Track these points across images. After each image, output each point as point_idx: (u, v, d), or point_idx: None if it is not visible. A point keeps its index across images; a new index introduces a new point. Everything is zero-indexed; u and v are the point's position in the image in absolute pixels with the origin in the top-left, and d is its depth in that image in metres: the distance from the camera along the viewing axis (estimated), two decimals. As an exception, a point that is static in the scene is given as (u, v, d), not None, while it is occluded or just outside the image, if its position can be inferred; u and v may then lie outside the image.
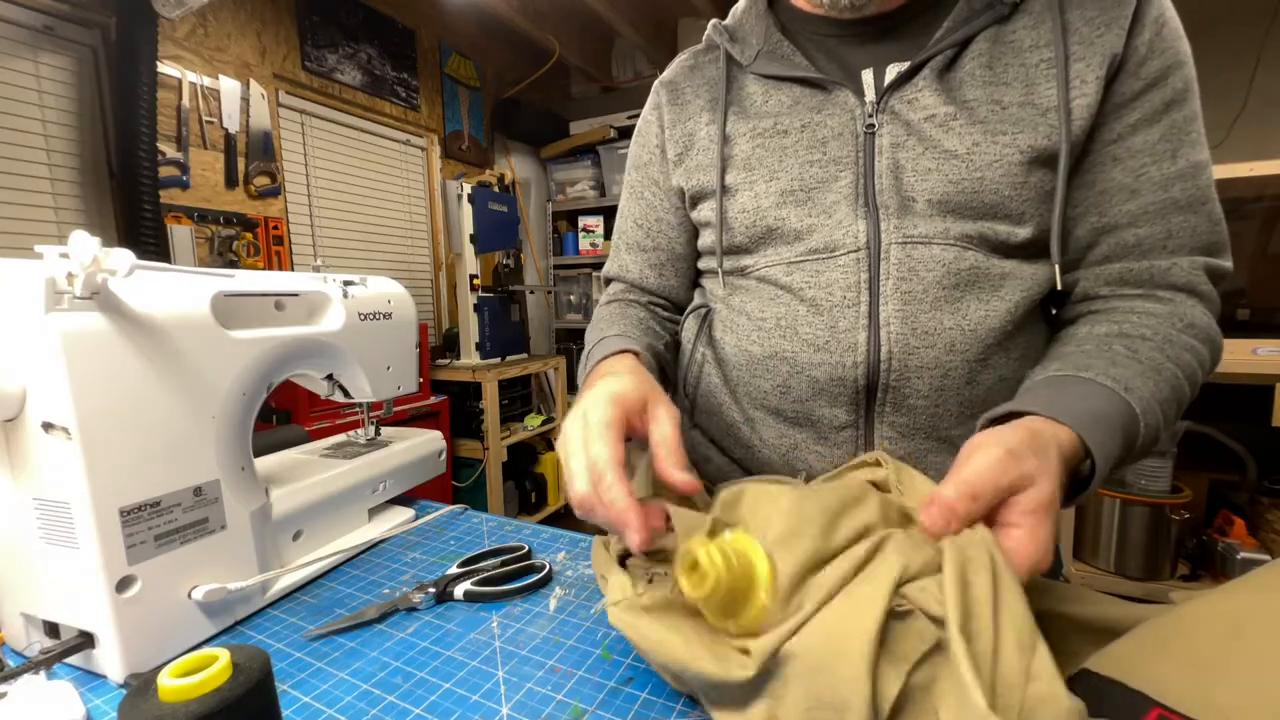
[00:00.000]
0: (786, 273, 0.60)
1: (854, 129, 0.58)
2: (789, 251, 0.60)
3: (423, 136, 2.82)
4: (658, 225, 0.74)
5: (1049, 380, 0.50)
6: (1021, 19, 0.54)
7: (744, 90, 0.65)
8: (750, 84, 0.65)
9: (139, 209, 1.67)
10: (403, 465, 0.84)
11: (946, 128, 0.54)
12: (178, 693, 0.32)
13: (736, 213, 0.63)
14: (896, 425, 0.57)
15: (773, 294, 0.61)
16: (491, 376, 2.45)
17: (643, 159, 0.74)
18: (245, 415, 0.61)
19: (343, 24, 2.39)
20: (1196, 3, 2.33)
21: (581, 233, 3.37)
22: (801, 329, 0.59)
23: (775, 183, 0.60)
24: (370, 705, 0.47)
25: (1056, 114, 0.51)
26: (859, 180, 0.57)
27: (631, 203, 0.76)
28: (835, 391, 0.58)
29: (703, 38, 0.72)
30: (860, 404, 0.58)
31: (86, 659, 0.50)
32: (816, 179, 0.59)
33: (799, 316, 0.59)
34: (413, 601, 0.60)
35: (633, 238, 0.76)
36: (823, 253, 0.58)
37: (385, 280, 0.84)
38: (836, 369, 0.57)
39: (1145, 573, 1.90)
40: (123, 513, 0.48)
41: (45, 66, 1.66)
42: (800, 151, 0.60)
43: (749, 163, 0.62)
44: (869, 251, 0.56)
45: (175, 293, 0.55)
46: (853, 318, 0.56)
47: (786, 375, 0.60)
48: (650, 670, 0.50)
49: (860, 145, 0.57)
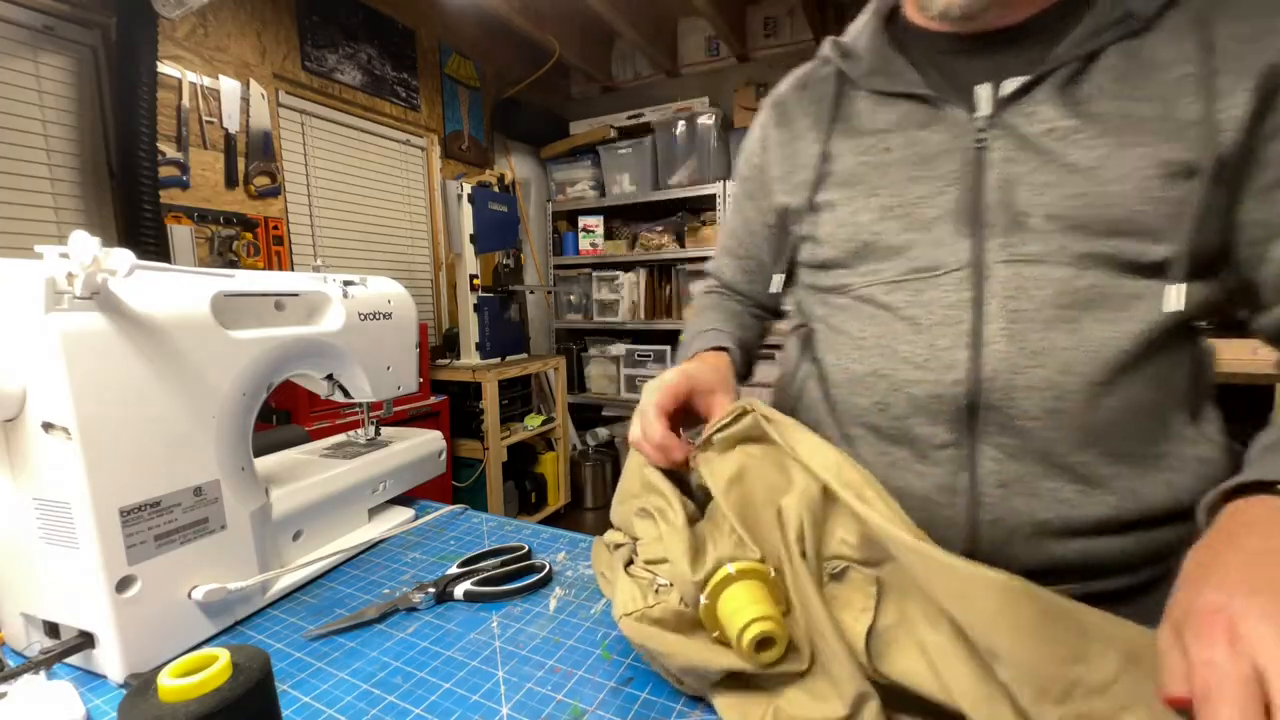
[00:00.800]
0: (886, 292, 0.60)
1: (962, 144, 0.57)
2: (889, 270, 0.60)
3: (423, 136, 2.82)
4: (751, 238, 0.78)
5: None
6: (1157, 35, 0.52)
7: (852, 106, 0.66)
8: (859, 100, 0.65)
9: (139, 209, 1.67)
10: (403, 465, 0.84)
11: (1069, 141, 0.52)
12: (178, 693, 0.32)
13: (835, 228, 0.64)
14: (1004, 446, 0.55)
15: (871, 313, 0.61)
16: (491, 376, 2.45)
17: (744, 174, 0.78)
18: (245, 415, 0.61)
19: (343, 24, 2.39)
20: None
21: (581, 233, 3.37)
22: (900, 347, 0.58)
23: (875, 199, 0.61)
24: (370, 705, 0.47)
25: (1199, 127, 0.48)
26: (964, 196, 0.56)
27: (733, 213, 0.81)
28: (934, 409, 0.57)
29: (817, 54, 0.72)
30: (962, 423, 0.56)
31: (86, 659, 0.50)
32: (917, 195, 0.58)
33: (898, 334, 0.59)
34: (413, 601, 0.60)
35: (729, 244, 0.83)
36: (924, 271, 0.57)
37: (385, 280, 0.84)
38: (935, 387, 0.56)
39: (1145, 573, 1.90)
40: (123, 513, 0.48)
41: (45, 66, 1.66)
42: (903, 168, 0.60)
43: (850, 179, 0.63)
44: (973, 270, 0.55)
45: (175, 293, 0.55)
46: (953, 336, 0.55)
47: (885, 392, 0.60)
48: (650, 670, 0.50)
49: (968, 161, 0.56)
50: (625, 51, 3.45)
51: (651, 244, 3.21)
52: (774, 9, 3.03)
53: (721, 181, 2.93)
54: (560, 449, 2.91)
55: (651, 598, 0.49)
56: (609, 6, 2.67)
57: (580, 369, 3.45)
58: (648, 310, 3.23)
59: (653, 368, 3.24)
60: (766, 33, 3.07)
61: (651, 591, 0.49)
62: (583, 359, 3.45)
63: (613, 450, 3.19)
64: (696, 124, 2.95)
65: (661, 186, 3.12)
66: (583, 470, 3.04)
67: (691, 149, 3.00)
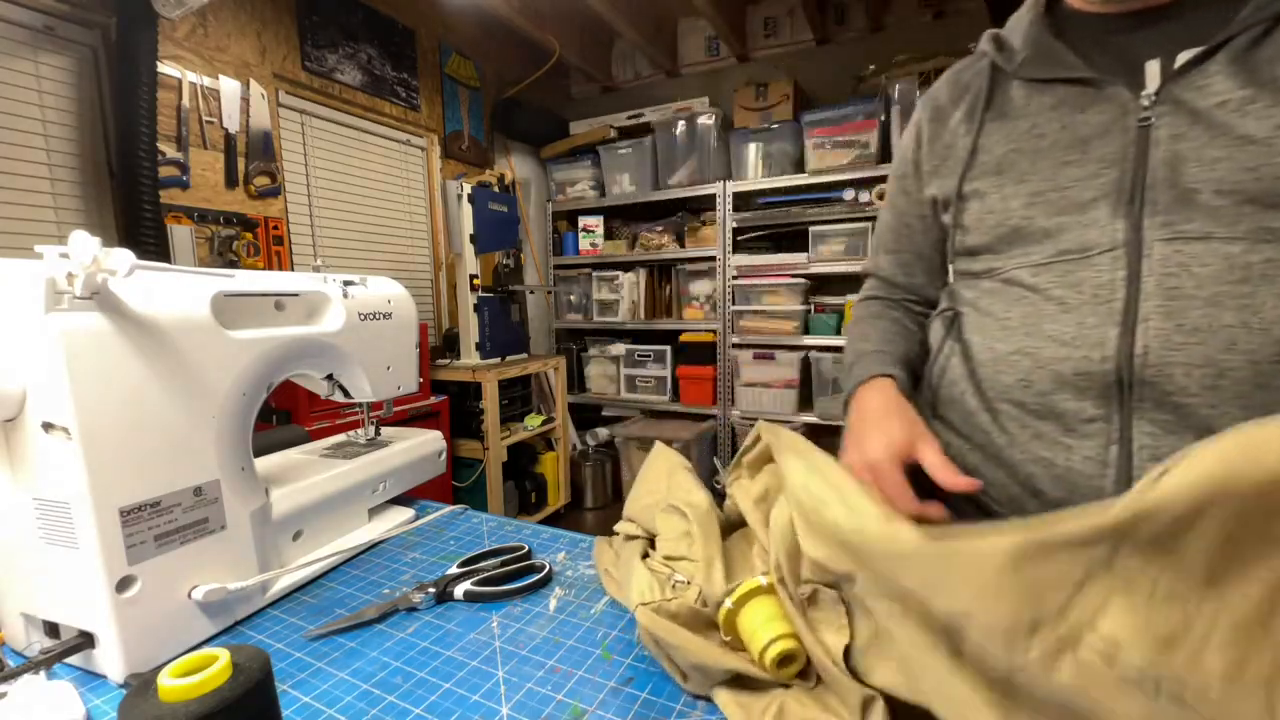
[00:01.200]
0: (1033, 274, 0.61)
1: (1124, 124, 0.57)
2: (1038, 253, 0.61)
3: (423, 136, 2.82)
4: (906, 230, 0.79)
5: None
6: None
7: (1005, 96, 0.67)
8: (1014, 89, 0.66)
9: (139, 209, 1.67)
10: (403, 465, 0.84)
11: (1243, 112, 0.51)
12: (178, 693, 0.32)
13: (983, 215, 0.65)
14: (1160, 422, 0.55)
15: (1018, 294, 0.63)
16: (491, 376, 2.45)
17: (899, 171, 0.79)
18: (245, 415, 0.61)
19: (343, 24, 2.39)
20: (1196, 3, 2.33)
21: (581, 233, 3.36)
22: (1046, 325, 0.60)
23: (1024, 185, 0.62)
24: (370, 705, 0.47)
25: None
26: (1124, 177, 0.57)
27: (887, 209, 0.83)
28: (1081, 385, 0.58)
29: (975, 47, 0.74)
30: (1111, 398, 0.57)
31: (86, 659, 0.50)
32: (1071, 179, 0.59)
33: (1044, 314, 0.60)
34: (413, 601, 0.60)
35: (884, 240, 0.84)
36: (1074, 253, 0.58)
37: (385, 280, 0.84)
38: (1082, 364, 0.57)
39: (1145, 573, 1.89)
40: (123, 513, 0.48)
41: (45, 66, 1.66)
42: (1055, 153, 0.61)
43: (999, 167, 0.64)
44: (1128, 249, 0.55)
45: (175, 293, 0.55)
46: (1103, 314, 0.56)
47: (1029, 370, 0.61)
48: (650, 670, 0.50)
49: (1130, 141, 0.57)
50: (625, 51, 3.45)
51: (651, 244, 3.21)
52: (774, 9, 3.03)
53: (721, 181, 2.93)
54: (560, 449, 2.91)
55: (669, 591, 0.51)
56: (609, 6, 2.67)
57: (580, 369, 3.45)
58: (648, 310, 3.23)
59: (652, 368, 3.24)
60: (766, 33, 3.07)
61: (669, 586, 0.52)
62: (583, 359, 3.45)
63: (613, 450, 3.19)
64: (696, 124, 2.95)
65: (661, 186, 3.12)
66: (583, 470, 3.04)
67: (691, 149, 3.00)
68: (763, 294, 2.89)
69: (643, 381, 3.28)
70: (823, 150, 2.69)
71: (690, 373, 3.07)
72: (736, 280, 2.94)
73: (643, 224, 3.29)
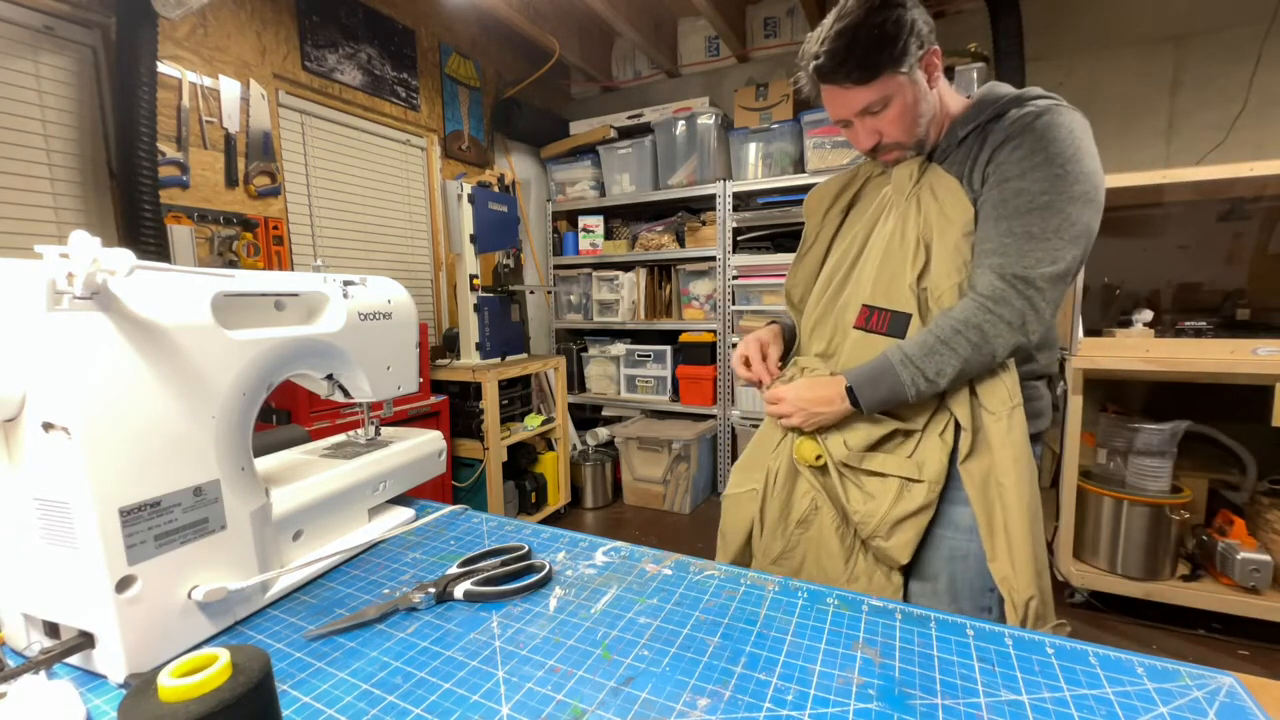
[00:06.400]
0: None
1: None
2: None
3: (423, 136, 2.82)
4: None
5: None
6: None
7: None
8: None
9: (139, 209, 1.67)
10: (403, 465, 0.84)
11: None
12: (178, 693, 0.32)
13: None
14: None
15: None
16: (491, 376, 2.45)
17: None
18: (245, 415, 0.61)
19: (343, 24, 2.39)
20: (1197, 3, 2.33)
21: (581, 233, 3.37)
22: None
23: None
24: (370, 705, 0.47)
25: None
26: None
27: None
28: None
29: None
30: None
31: (86, 659, 0.50)
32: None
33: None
34: (413, 601, 0.60)
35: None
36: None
37: (385, 280, 0.84)
38: None
39: (1145, 573, 1.90)
40: (123, 513, 0.48)
41: (45, 66, 1.66)
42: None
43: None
44: None
45: (175, 293, 0.55)
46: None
47: None
48: (650, 670, 0.50)
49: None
50: (625, 51, 3.45)
51: (651, 244, 3.20)
52: (774, 9, 3.03)
53: (721, 181, 2.93)
54: (560, 449, 2.91)
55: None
56: (609, 6, 2.67)
57: (580, 369, 3.45)
58: (647, 310, 3.23)
59: (652, 367, 3.24)
60: (766, 33, 3.07)
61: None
62: (582, 359, 3.45)
63: (612, 450, 3.19)
64: (696, 124, 2.95)
65: (661, 186, 3.12)
66: (583, 470, 3.04)
67: (691, 149, 3.00)
68: (763, 294, 2.89)
69: (643, 381, 3.28)
70: (823, 150, 2.69)
71: (690, 373, 3.08)
72: (736, 280, 2.94)
73: (643, 224, 3.29)
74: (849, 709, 0.45)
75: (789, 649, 0.53)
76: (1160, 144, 2.44)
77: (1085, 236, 0.80)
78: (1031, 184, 0.79)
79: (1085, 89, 2.51)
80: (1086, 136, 0.80)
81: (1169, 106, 2.41)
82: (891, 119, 0.85)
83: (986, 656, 0.51)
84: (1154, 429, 1.85)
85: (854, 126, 0.89)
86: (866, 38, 0.80)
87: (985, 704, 0.45)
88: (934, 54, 0.84)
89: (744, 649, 0.53)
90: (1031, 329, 0.80)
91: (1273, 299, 2.10)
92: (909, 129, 0.86)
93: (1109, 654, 0.51)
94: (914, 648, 0.53)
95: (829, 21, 0.83)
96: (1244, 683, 0.47)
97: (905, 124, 0.86)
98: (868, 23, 0.80)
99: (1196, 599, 1.83)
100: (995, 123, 0.84)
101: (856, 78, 0.82)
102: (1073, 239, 0.79)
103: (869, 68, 0.81)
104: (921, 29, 0.81)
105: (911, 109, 0.85)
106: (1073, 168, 0.78)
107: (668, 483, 2.97)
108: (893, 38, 0.80)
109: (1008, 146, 0.81)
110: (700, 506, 3.03)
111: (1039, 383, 0.90)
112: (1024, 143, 0.80)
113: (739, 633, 0.55)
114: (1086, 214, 0.79)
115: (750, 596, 0.62)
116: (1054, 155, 0.78)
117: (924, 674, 0.49)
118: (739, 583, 0.64)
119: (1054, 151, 0.78)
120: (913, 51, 0.81)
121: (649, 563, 0.69)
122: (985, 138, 0.84)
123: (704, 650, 0.53)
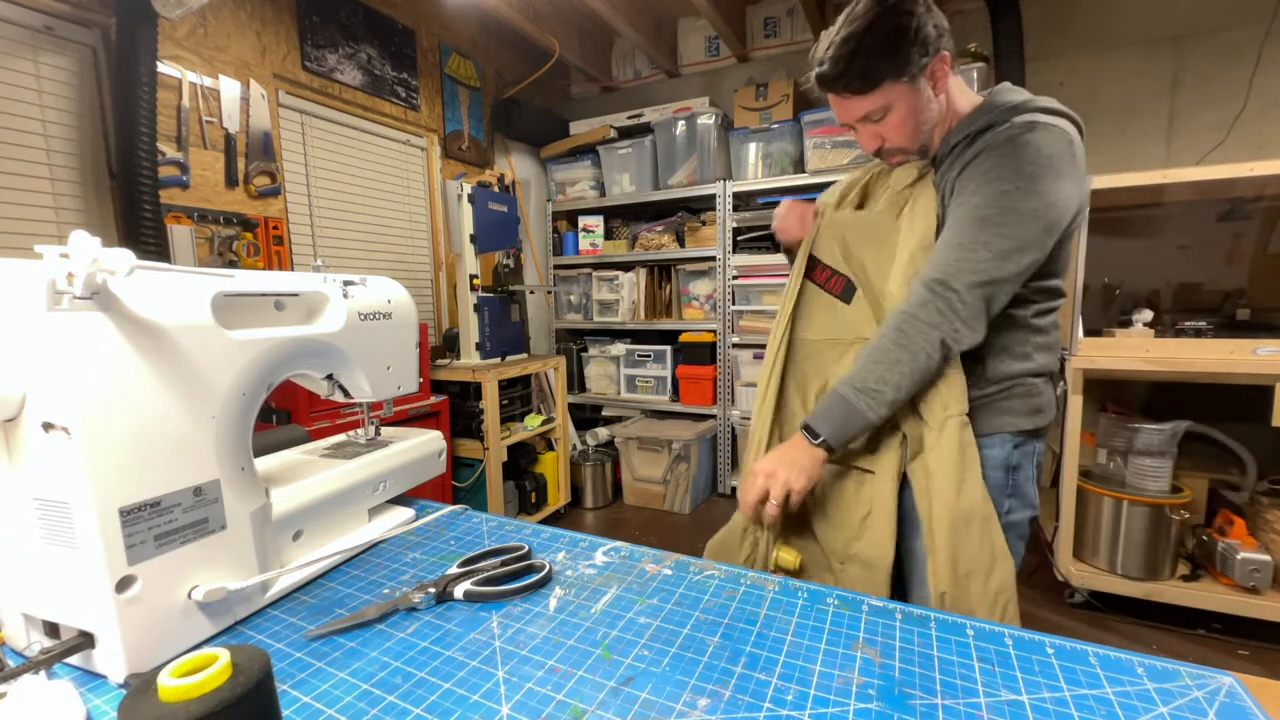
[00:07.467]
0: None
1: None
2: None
3: (423, 136, 2.82)
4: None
5: None
6: None
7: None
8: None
9: (139, 209, 1.67)
10: (403, 465, 0.84)
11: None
12: (178, 693, 0.32)
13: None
14: None
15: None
16: (491, 376, 2.45)
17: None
18: (245, 415, 0.61)
19: (343, 24, 2.39)
20: (1197, 3, 2.33)
21: (581, 233, 3.36)
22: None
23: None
24: (370, 705, 0.47)
25: None
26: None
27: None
28: None
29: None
30: None
31: (86, 659, 0.50)
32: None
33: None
34: (413, 601, 0.60)
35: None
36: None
37: (385, 280, 0.84)
38: None
39: (1145, 572, 1.90)
40: (123, 513, 0.48)
41: (45, 66, 1.66)
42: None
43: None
44: None
45: (175, 293, 0.54)
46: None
47: None
48: (650, 670, 0.50)
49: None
50: (625, 51, 3.45)
51: (651, 244, 3.20)
52: (774, 9, 3.03)
53: (721, 181, 2.93)
54: (560, 449, 2.91)
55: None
56: (609, 6, 2.67)
57: (580, 369, 3.45)
58: (647, 310, 3.23)
59: (652, 367, 3.24)
60: (766, 33, 3.07)
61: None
62: (582, 359, 3.45)
63: (612, 450, 3.19)
64: (696, 124, 2.95)
65: (661, 186, 3.12)
66: (583, 470, 3.03)
67: (691, 149, 3.00)
68: (762, 294, 2.89)
69: (643, 381, 3.28)
70: (823, 150, 2.69)
71: (690, 373, 3.08)
72: (736, 280, 2.94)
73: (643, 224, 3.29)
74: (849, 709, 0.45)
75: (789, 649, 0.53)
76: (1160, 144, 2.44)
77: (1020, 253, 0.78)
78: (981, 199, 0.80)
79: (1085, 89, 2.51)
80: (1062, 156, 0.78)
81: (1169, 107, 2.41)
82: (892, 126, 0.86)
83: (986, 656, 0.51)
84: (1154, 429, 1.85)
85: (858, 130, 0.90)
86: (869, 47, 0.80)
87: (985, 704, 0.45)
88: (941, 60, 0.83)
89: (744, 649, 0.53)
90: (952, 329, 0.80)
91: (1273, 299, 2.10)
92: (910, 136, 0.87)
93: (1109, 654, 0.51)
94: (914, 648, 0.53)
95: (837, 26, 0.84)
96: (1244, 683, 0.47)
97: (906, 131, 0.87)
98: (872, 30, 0.80)
99: (1196, 599, 1.83)
100: (983, 135, 0.83)
101: (856, 87, 0.83)
102: (1001, 254, 0.78)
103: (869, 78, 0.82)
104: (929, 35, 0.81)
105: (912, 117, 0.85)
106: (1025, 185, 0.77)
107: (668, 483, 2.96)
108: (895, 47, 0.80)
109: (975, 162, 0.82)
110: (700, 507, 3.03)
111: (1039, 379, 0.90)
112: (989, 159, 0.80)
113: (739, 633, 0.55)
114: (1029, 231, 0.78)
115: (750, 596, 0.62)
116: (1010, 173, 0.78)
117: (924, 674, 0.49)
118: (739, 583, 0.64)
119: (1012, 170, 0.78)
120: (915, 60, 0.81)
121: (649, 563, 0.69)
122: (968, 149, 0.84)
123: (704, 650, 0.53)
